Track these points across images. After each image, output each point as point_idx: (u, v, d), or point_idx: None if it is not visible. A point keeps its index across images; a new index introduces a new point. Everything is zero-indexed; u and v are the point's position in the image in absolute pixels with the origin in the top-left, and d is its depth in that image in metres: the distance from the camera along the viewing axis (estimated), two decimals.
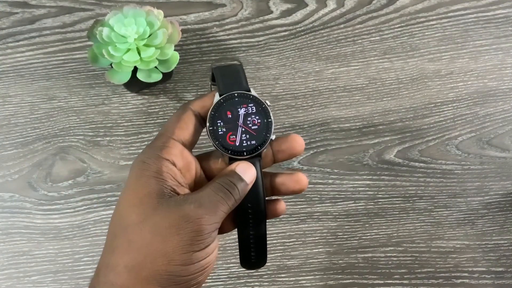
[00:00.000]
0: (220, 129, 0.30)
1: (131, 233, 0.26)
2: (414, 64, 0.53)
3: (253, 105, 0.30)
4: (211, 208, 0.27)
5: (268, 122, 0.30)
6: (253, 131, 0.30)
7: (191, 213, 0.26)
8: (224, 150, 0.30)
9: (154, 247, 0.26)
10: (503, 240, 0.50)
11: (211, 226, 0.26)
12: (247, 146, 0.30)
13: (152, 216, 0.26)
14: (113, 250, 0.26)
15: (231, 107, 0.30)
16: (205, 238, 0.26)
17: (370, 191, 0.51)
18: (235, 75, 0.31)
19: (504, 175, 0.51)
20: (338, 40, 0.53)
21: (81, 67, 0.52)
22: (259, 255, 0.32)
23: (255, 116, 0.30)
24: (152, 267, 0.25)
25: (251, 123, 0.30)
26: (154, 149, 0.29)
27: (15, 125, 0.51)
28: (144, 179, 0.27)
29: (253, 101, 0.30)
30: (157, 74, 0.48)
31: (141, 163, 0.28)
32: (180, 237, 0.26)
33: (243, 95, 0.30)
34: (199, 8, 0.54)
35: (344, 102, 0.52)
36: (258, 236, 0.31)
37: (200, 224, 0.26)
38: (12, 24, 0.53)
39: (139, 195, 0.27)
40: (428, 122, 0.52)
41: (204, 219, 0.26)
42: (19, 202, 0.50)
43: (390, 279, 0.50)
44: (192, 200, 0.27)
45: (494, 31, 0.54)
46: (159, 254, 0.25)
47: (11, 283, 0.49)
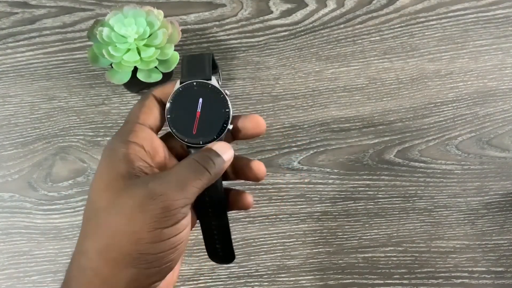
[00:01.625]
0: (178, 118, 0.30)
1: (100, 217, 0.26)
2: (414, 64, 0.53)
3: (212, 95, 0.30)
4: (178, 183, 0.26)
5: (226, 112, 0.30)
6: (211, 120, 0.30)
7: (155, 190, 0.26)
8: (182, 138, 0.30)
9: (121, 228, 0.25)
10: (503, 240, 0.50)
11: (178, 201, 0.26)
12: (204, 135, 0.30)
13: (118, 198, 0.26)
14: (85, 235, 0.27)
15: (190, 96, 0.30)
16: (172, 214, 0.26)
17: (370, 191, 0.51)
18: (198, 64, 0.31)
19: (504, 175, 0.51)
20: (338, 40, 0.53)
21: (81, 67, 0.53)
22: (224, 248, 0.32)
23: (213, 105, 0.30)
24: (121, 248, 0.25)
25: (209, 112, 0.30)
26: (121, 134, 0.29)
27: (15, 125, 0.51)
28: (111, 163, 0.27)
29: (212, 90, 0.30)
30: (157, 74, 0.48)
31: (109, 148, 0.28)
32: (145, 215, 0.25)
33: (202, 84, 0.30)
34: (199, 8, 0.54)
35: (344, 102, 0.52)
36: (220, 227, 0.31)
37: (165, 200, 0.26)
38: (12, 24, 0.53)
39: (107, 180, 0.27)
40: (428, 122, 0.52)
41: (170, 194, 0.26)
42: (19, 202, 0.50)
43: (390, 279, 0.50)
44: (158, 176, 0.27)
45: (494, 31, 0.54)
46: (126, 234, 0.25)
47: (11, 283, 0.49)
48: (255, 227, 0.50)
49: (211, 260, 0.33)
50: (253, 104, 0.52)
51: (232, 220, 0.50)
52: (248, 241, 0.50)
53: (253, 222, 0.50)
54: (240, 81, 0.53)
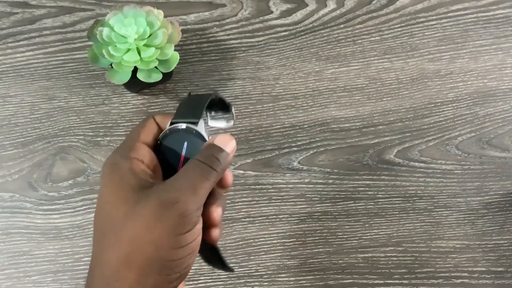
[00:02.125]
0: (164, 158, 0.31)
1: (118, 229, 0.27)
2: (414, 64, 0.53)
3: (195, 140, 0.31)
4: (189, 188, 0.27)
5: None
6: None
7: (169, 199, 0.27)
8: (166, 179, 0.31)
9: (141, 237, 0.26)
10: (503, 240, 0.50)
11: (192, 206, 0.27)
12: None
13: (134, 209, 0.27)
14: (104, 247, 0.27)
15: (176, 139, 0.32)
16: (189, 219, 0.27)
17: (370, 191, 0.51)
18: (192, 105, 0.33)
19: (504, 175, 0.51)
20: (338, 40, 0.53)
21: (81, 67, 0.52)
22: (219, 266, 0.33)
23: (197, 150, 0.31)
24: (143, 255, 0.26)
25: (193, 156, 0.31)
26: (122, 151, 0.30)
27: (15, 125, 0.51)
28: (118, 177, 0.28)
29: (196, 136, 0.31)
30: (157, 74, 0.48)
31: (112, 165, 0.29)
32: (163, 223, 0.26)
33: (188, 130, 0.31)
34: (199, 8, 0.54)
35: (344, 102, 0.52)
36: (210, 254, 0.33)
37: (181, 207, 0.26)
38: (12, 24, 0.53)
39: (119, 192, 0.28)
40: (428, 122, 0.52)
41: (183, 201, 0.27)
42: (19, 202, 0.50)
43: (390, 279, 0.50)
44: (168, 184, 0.28)
45: (494, 31, 0.54)
46: (147, 243, 0.26)
47: (11, 283, 0.49)
48: (255, 227, 0.50)
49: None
50: (253, 104, 0.52)
51: (232, 220, 0.50)
52: (248, 241, 0.50)
53: (253, 222, 0.50)
54: (240, 81, 0.53)
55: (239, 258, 0.50)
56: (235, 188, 0.51)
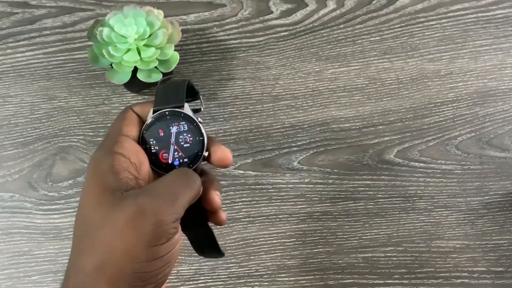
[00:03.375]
0: (153, 147, 0.30)
1: (94, 234, 0.26)
2: (414, 64, 0.53)
3: (184, 123, 0.30)
4: (168, 197, 0.26)
5: (200, 140, 0.30)
6: (185, 149, 0.30)
7: (146, 206, 0.25)
8: (158, 168, 0.30)
9: (116, 246, 0.25)
10: (503, 240, 0.50)
11: (170, 216, 0.25)
12: (179, 164, 0.30)
13: (110, 214, 0.25)
14: (80, 251, 0.26)
15: (163, 126, 0.30)
16: (165, 230, 0.25)
17: (370, 191, 0.51)
18: (171, 91, 0.31)
19: (504, 175, 0.51)
20: (338, 40, 0.54)
21: (81, 67, 0.53)
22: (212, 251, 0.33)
23: (187, 134, 0.30)
24: (118, 266, 0.25)
25: (183, 141, 0.30)
26: (106, 145, 0.28)
27: (15, 125, 0.51)
28: (98, 176, 0.27)
29: (185, 119, 0.30)
30: (157, 74, 0.48)
31: (94, 160, 0.28)
32: (139, 232, 0.25)
33: (175, 113, 0.30)
34: (199, 8, 0.54)
35: (344, 102, 0.52)
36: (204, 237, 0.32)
37: (157, 216, 0.25)
38: (12, 24, 0.53)
39: (96, 194, 0.26)
40: (428, 122, 0.52)
41: (161, 210, 0.25)
42: (19, 202, 0.50)
43: (390, 279, 0.50)
44: (147, 191, 0.26)
45: (494, 31, 0.54)
46: (122, 253, 0.25)
47: (11, 283, 0.49)
48: (255, 227, 0.50)
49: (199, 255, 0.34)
50: (253, 104, 0.52)
51: (232, 220, 0.50)
52: (248, 241, 0.50)
53: (253, 222, 0.50)
54: (240, 81, 0.53)
55: (239, 258, 0.50)
56: (235, 188, 0.51)
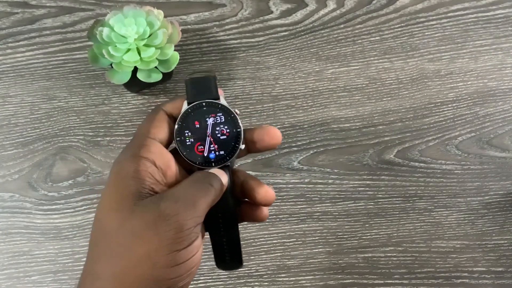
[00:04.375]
0: (188, 139, 0.29)
1: (112, 239, 0.25)
2: (414, 64, 0.53)
3: (221, 115, 0.30)
4: (189, 201, 0.25)
5: (237, 131, 0.30)
6: (222, 141, 0.30)
7: (167, 210, 0.25)
8: (193, 161, 0.29)
9: (136, 251, 0.24)
10: (503, 240, 0.50)
11: (191, 221, 0.25)
12: (215, 157, 0.29)
13: (129, 219, 0.25)
14: (97, 258, 0.25)
15: (199, 117, 0.30)
16: (186, 234, 0.25)
17: (370, 191, 0.51)
18: (204, 84, 0.30)
19: (504, 175, 0.51)
20: (338, 40, 0.53)
21: (81, 67, 0.52)
22: (233, 258, 0.31)
23: (224, 125, 0.30)
24: (137, 272, 0.24)
25: (220, 133, 0.30)
26: (132, 148, 0.28)
27: (15, 125, 0.51)
28: (121, 181, 0.26)
29: (222, 110, 0.30)
30: (157, 74, 0.48)
31: (118, 164, 0.27)
32: (160, 237, 0.24)
33: (212, 104, 0.30)
34: (199, 8, 0.54)
35: (344, 102, 0.52)
36: (231, 240, 0.30)
37: (178, 220, 0.24)
38: (12, 24, 0.53)
39: (117, 199, 0.26)
40: (428, 122, 0.52)
41: (182, 214, 0.25)
42: (19, 202, 0.50)
43: (390, 279, 0.50)
44: (167, 196, 0.26)
45: (494, 31, 0.54)
46: (142, 258, 0.24)
47: (11, 283, 0.49)
48: (255, 227, 0.50)
49: (218, 267, 0.32)
50: (253, 104, 0.52)
51: None
52: (248, 241, 0.50)
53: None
54: (240, 81, 0.53)
55: None
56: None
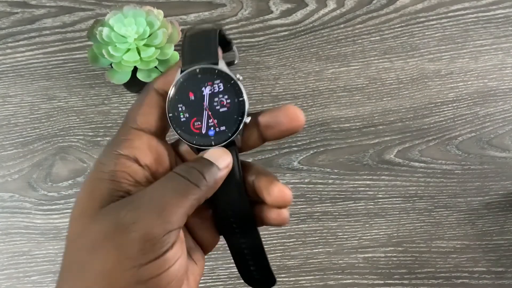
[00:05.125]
0: (182, 114, 0.24)
1: (72, 253, 0.22)
2: (414, 64, 0.53)
3: (220, 82, 0.24)
4: (155, 206, 0.21)
5: (240, 101, 0.24)
6: (222, 114, 0.24)
7: (126, 218, 0.21)
8: (189, 140, 0.24)
9: (94, 268, 0.21)
10: (503, 240, 0.50)
11: (157, 228, 0.21)
12: (215, 134, 0.24)
13: (89, 229, 0.21)
14: (60, 273, 0.22)
15: (193, 87, 0.24)
16: (151, 245, 0.20)
17: (370, 191, 0.51)
18: (201, 44, 0.25)
19: (504, 175, 0.51)
20: (338, 40, 0.53)
21: (81, 67, 0.52)
22: (260, 270, 0.26)
23: (223, 95, 0.24)
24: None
25: (219, 104, 0.24)
26: (113, 144, 0.24)
27: (15, 125, 0.51)
28: (93, 182, 0.23)
29: (220, 76, 0.24)
30: (157, 74, 0.48)
31: (97, 163, 0.23)
32: (119, 250, 0.20)
33: (207, 70, 0.24)
34: (199, 8, 0.54)
35: (344, 102, 0.52)
36: (250, 245, 0.25)
37: (140, 229, 0.20)
38: (12, 24, 0.53)
39: (83, 204, 0.22)
40: (428, 122, 0.52)
41: (144, 222, 0.21)
42: (19, 202, 0.50)
43: (390, 279, 0.49)
44: (130, 200, 0.22)
45: (494, 31, 0.54)
46: (100, 277, 0.20)
47: (11, 283, 0.49)
48: None
49: (248, 285, 0.27)
50: (253, 104, 0.52)
51: None
52: None
53: None
54: None
55: None
56: None
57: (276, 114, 0.24)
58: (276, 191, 0.24)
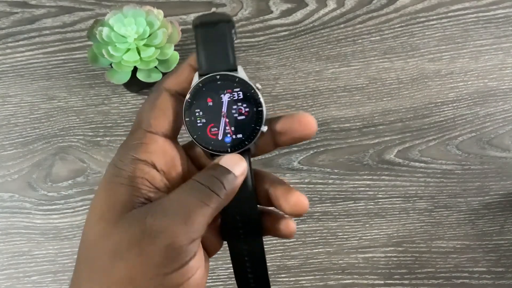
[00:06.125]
0: (199, 119, 0.24)
1: (93, 258, 0.21)
2: (414, 64, 0.53)
3: (239, 90, 0.24)
4: (181, 215, 0.21)
5: (258, 111, 0.24)
6: (240, 122, 0.24)
7: (154, 226, 0.21)
8: (204, 145, 0.24)
9: (117, 274, 0.21)
10: (503, 240, 0.50)
11: (183, 237, 0.21)
12: (232, 141, 0.24)
13: (112, 234, 0.21)
14: (76, 280, 0.22)
15: (212, 93, 0.24)
16: (177, 254, 0.21)
17: (370, 191, 0.51)
18: (219, 46, 0.24)
19: (504, 175, 0.51)
20: (338, 40, 0.53)
21: (81, 67, 0.52)
22: (258, 278, 0.26)
23: (242, 103, 0.24)
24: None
25: (237, 112, 0.24)
26: (128, 148, 0.24)
27: (14, 125, 0.51)
28: (112, 187, 0.23)
29: (240, 84, 0.24)
30: (157, 74, 0.48)
31: (113, 167, 0.23)
32: (144, 258, 0.20)
33: (228, 78, 0.24)
34: (199, 8, 0.54)
35: (344, 102, 0.52)
36: (253, 253, 0.25)
37: (167, 238, 0.21)
38: (12, 24, 0.53)
39: (103, 209, 0.22)
40: (428, 122, 0.52)
41: (171, 230, 0.21)
42: (19, 202, 0.50)
43: (390, 279, 0.49)
44: (155, 208, 0.22)
45: (494, 31, 0.54)
46: (124, 283, 0.20)
47: (11, 283, 0.49)
48: None
49: None
50: None
51: None
52: None
53: None
54: None
55: None
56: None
57: (290, 121, 0.25)
58: (294, 199, 0.24)
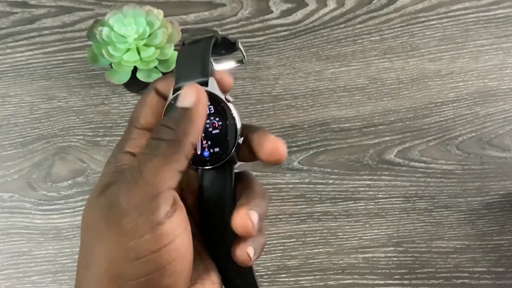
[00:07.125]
0: None
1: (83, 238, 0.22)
2: (414, 64, 0.53)
3: (210, 105, 0.24)
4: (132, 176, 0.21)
5: (231, 124, 0.24)
6: (215, 136, 0.24)
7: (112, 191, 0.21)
8: None
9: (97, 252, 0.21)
10: (503, 240, 0.50)
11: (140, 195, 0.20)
12: (209, 155, 0.24)
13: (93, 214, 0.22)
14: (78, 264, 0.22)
15: None
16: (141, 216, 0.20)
17: (370, 191, 0.51)
18: (193, 59, 0.24)
19: (504, 175, 0.51)
20: (338, 40, 0.53)
21: (81, 67, 0.52)
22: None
23: (215, 117, 0.24)
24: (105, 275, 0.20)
25: (211, 126, 0.24)
26: (120, 145, 0.24)
27: (14, 125, 0.51)
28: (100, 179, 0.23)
29: (210, 98, 0.23)
30: (157, 74, 0.48)
31: (107, 163, 0.24)
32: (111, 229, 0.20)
33: None
34: (199, 8, 0.54)
35: (344, 102, 0.52)
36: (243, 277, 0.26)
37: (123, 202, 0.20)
38: (12, 24, 0.53)
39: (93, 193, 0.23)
40: (428, 122, 0.52)
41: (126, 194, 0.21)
42: (19, 202, 0.50)
43: (390, 279, 0.49)
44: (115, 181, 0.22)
45: (494, 31, 0.54)
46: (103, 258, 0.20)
47: (11, 283, 0.49)
48: None
49: None
50: (253, 104, 0.52)
51: None
52: None
53: None
54: (240, 81, 0.52)
55: None
56: None
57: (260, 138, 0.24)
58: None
